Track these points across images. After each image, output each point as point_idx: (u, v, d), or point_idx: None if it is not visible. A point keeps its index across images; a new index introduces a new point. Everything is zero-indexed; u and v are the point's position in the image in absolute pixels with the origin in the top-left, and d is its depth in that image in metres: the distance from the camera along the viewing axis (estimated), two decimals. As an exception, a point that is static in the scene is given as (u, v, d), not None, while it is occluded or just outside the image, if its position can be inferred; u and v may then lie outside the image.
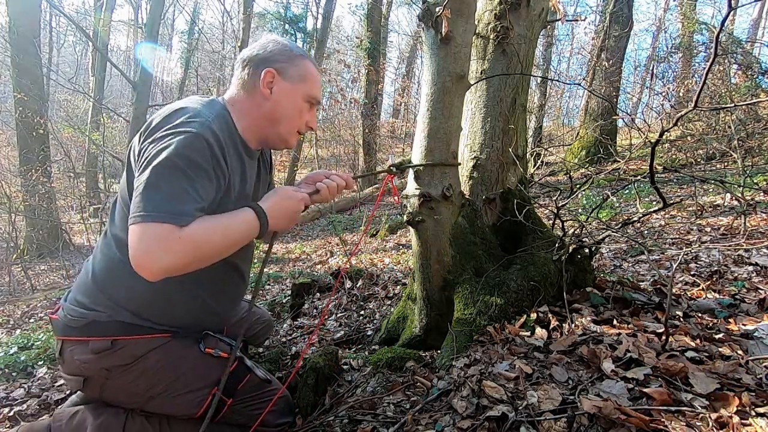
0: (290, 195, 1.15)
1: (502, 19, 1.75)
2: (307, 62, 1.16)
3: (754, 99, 4.81)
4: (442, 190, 1.52)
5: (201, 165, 0.95)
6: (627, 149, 7.71)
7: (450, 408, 1.11)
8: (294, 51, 1.14)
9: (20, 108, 7.49)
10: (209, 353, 1.14)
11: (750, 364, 1.06)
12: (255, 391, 1.21)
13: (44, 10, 10.99)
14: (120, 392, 1.12)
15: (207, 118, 1.01)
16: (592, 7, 15.35)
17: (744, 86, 5.97)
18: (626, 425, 0.88)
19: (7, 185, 7.50)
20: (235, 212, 1.05)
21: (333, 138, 13.15)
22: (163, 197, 0.90)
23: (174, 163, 0.92)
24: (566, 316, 1.42)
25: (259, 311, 1.64)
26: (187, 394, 1.12)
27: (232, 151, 1.06)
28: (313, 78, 1.16)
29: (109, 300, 1.07)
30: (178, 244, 0.90)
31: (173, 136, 0.94)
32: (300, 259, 5.11)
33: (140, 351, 1.08)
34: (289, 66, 1.13)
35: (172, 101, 1.22)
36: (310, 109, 1.19)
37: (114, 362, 1.07)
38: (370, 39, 11.21)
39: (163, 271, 0.90)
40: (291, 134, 1.19)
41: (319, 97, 1.20)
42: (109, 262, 1.09)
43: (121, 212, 1.07)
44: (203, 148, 0.96)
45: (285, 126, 1.16)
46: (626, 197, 4.54)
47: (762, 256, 1.98)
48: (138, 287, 1.05)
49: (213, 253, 0.99)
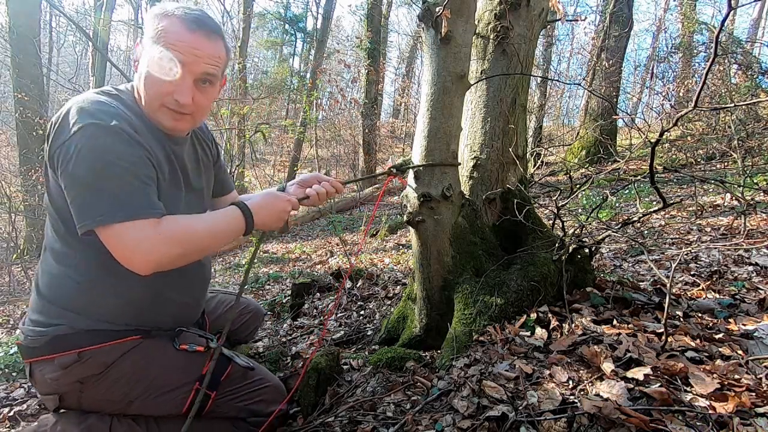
0: (277, 195, 1.17)
1: (502, 19, 1.75)
2: (170, 21, 0.94)
3: (754, 99, 4.81)
4: (442, 190, 1.52)
5: (128, 151, 0.92)
6: (627, 149, 7.71)
7: (450, 408, 1.11)
8: (162, 12, 0.95)
9: (20, 108, 7.48)
10: (184, 349, 1.12)
11: (750, 364, 1.06)
12: (240, 381, 1.18)
13: (44, 10, 10.99)
14: (98, 402, 1.09)
15: (112, 105, 0.95)
16: (592, 7, 15.35)
17: (744, 86, 5.97)
18: (626, 425, 0.88)
19: (7, 185, 7.50)
20: (220, 210, 1.07)
21: (333, 138, 13.15)
22: (109, 196, 0.89)
23: (101, 159, 0.88)
24: (566, 316, 1.42)
25: (245, 301, 1.60)
26: (168, 393, 1.10)
27: (148, 136, 1.00)
28: (168, 35, 0.93)
29: (64, 310, 1.04)
30: (160, 240, 0.91)
31: (86, 132, 0.89)
32: (300, 259, 5.11)
33: (110, 358, 1.05)
34: (149, 27, 0.96)
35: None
36: (179, 79, 0.95)
37: (85, 373, 1.04)
38: (370, 39, 11.21)
39: (154, 265, 0.92)
40: (155, 110, 1.00)
41: (181, 58, 0.93)
42: (51, 277, 1.05)
43: (51, 226, 1.03)
44: (119, 134, 0.91)
45: (147, 100, 1.00)
46: (626, 197, 4.54)
47: (762, 256, 1.98)
48: (89, 293, 1.03)
49: (199, 247, 1.00)
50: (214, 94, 1.06)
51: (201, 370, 1.11)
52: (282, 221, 1.17)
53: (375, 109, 12.33)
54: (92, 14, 12.73)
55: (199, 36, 0.96)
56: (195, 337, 1.16)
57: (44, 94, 8.41)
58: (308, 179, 1.30)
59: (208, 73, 1.00)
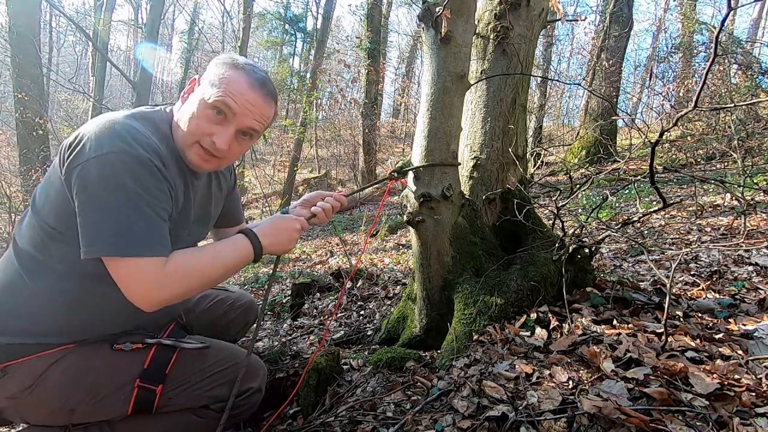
0: (284, 217, 1.16)
1: (502, 19, 1.75)
2: (237, 73, 0.99)
3: (754, 99, 4.81)
4: (442, 190, 1.52)
5: (152, 184, 0.91)
6: (627, 149, 7.72)
7: (450, 408, 1.11)
8: (231, 61, 1.01)
9: (20, 108, 7.48)
10: (119, 349, 1.06)
11: (750, 364, 1.06)
12: (193, 368, 1.10)
13: (44, 10, 11.00)
14: (38, 414, 1.04)
15: (145, 134, 0.94)
16: (592, 7, 15.36)
17: (744, 86, 5.97)
18: (626, 425, 0.88)
19: (7, 185, 7.49)
20: (226, 240, 1.07)
21: (333, 138, 13.16)
22: (125, 228, 0.87)
23: (125, 188, 0.87)
24: (566, 316, 1.42)
25: (236, 294, 1.52)
26: (109, 397, 1.04)
27: (174, 168, 1.00)
28: (230, 85, 0.98)
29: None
30: (167, 280, 0.91)
31: (114, 158, 0.87)
32: (300, 259, 5.11)
33: (38, 370, 0.99)
34: (212, 72, 1.00)
35: (173, 101, 1.19)
36: (219, 122, 0.99)
37: (13, 388, 0.99)
38: (370, 39, 11.22)
39: (158, 305, 0.92)
40: (187, 145, 1.01)
41: (235, 108, 0.98)
42: (6, 274, 1.01)
43: (32, 226, 0.99)
44: (148, 166, 0.90)
45: (182, 133, 1.01)
46: (626, 197, 4.54)
47: (762, 256, 1.98)
48: (36, 303, 0.98)
49: (206, 282, 0.99)
50: (246, 147, 1.10)
51: (142, 366, 1.05)
52: (293, 242, 1.15)
53: (375, 109, 12.33)
54: (92, 14, 12.74)
55: (259, 95, 1.01)
56: (134, 336, 1.09)
57: (44, 94, 8.41)
58: (311, 198, 1.30)
59: (252, 128, 1.04)
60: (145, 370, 1.05)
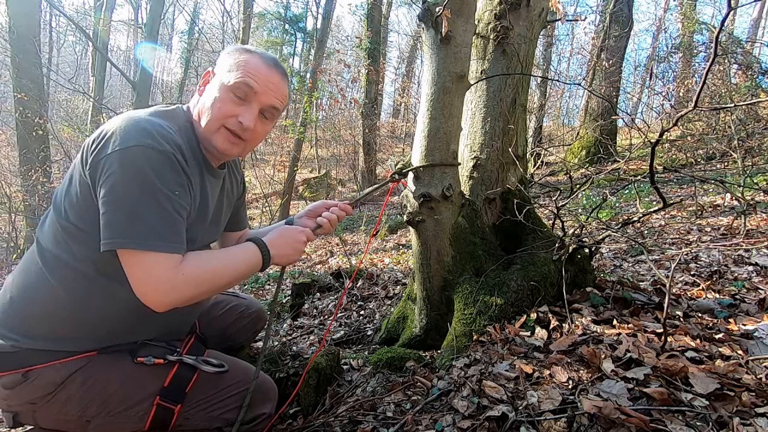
0: (290, 227, 1.17)
1: (502, 19, 1.75)
2: (251, 56, 1.03)
3: (754, 99, 4.81)
4: (442, 190, 1.52)
5: (173, 179, 0.92)
6: (627, 149, 7.71)
7: (450, 408, 1.11)
8: (242, 48, 1.05)
9: (20, 108, 7.48)
10: (141, 362, 1.04)
11: (750, 364, 1.06)
12: (211, 389, 1.08)
13: (44, 10, 11.00)
14: (53, 422, 1.03)
15: (169, 131, 0.95)
16: (592, 7, 15.34)
17: (744, 86, 5.97)
18: (626, 425, 0.88)
19: (7, 185, 7.50)
20: (236, 246, 1.07)
21: (333, 138, 13.15)
22: (145, 221, 0.87)
23: (147, 182, 0.87)
24: (566, 316, 1.42)
25: (247, 301, 1.51)
26: (127, 411, 1.02)
27: (193, 165, 1.01)
28: (248, 65, 1.02)
29: (20, 324, 0.98)
30: (181, 281, 0.91)
31: (139, 152, 0.88)
32: (300, 259, 5.11)
33: (60, 377, 0.98)
34: (226, 60, 1.04)
35: (173, 102, 1.19)
36: (241, 103, 1.03)
37: (34, 394, 0.98)
38: (370, 39, 11.22)
39: (169, 306, 0.93)
40: (212, 131, 1.03)
41: (256, 87, 1.02)
42: (29, 275, 1.00)
43: (54, 226, 0.99)
44: (171, 161, 0.91)
45: (206, 121, 1.03)
46: (626, 197, 4.54)
47: (762, 256, 1.98)
48: (60, 305, 0.98)
49: (217, 287, 1.00)
50: (268, 129, 1.12)
51: (162, 383, 1.04)
52: (299, 253, 1.15)
53: (375, 109, 12.33)
54: (92, 14, 12.75)
55: (275, 73, 1.06)
56: (157, 348, 1.07)
57: (44, 94, 8.40)
58: (316, 208, 1.29)
59: (273, 107, 1.07)
60: (165, 388, 1.03)
